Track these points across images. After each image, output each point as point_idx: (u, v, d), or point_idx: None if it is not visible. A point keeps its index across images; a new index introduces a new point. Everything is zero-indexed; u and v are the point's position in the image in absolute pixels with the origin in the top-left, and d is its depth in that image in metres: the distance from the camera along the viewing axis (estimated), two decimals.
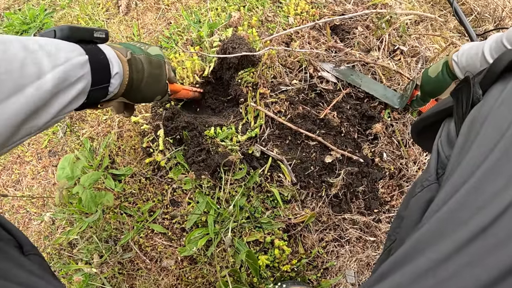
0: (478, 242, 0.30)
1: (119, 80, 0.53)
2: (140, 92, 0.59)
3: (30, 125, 0.40)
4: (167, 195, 0.94)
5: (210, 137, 0.94)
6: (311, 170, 0.95)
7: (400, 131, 1.03)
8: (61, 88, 0.42)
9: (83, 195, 0.86)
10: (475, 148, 0.38)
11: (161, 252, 0.92)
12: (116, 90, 0.53)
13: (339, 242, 0.95)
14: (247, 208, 0.91)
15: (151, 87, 0.61)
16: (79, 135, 1.09)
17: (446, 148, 0.50)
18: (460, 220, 0.32)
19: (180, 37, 1.12)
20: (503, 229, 0.29)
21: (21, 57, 0.38)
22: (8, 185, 1.15)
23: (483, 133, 0.37)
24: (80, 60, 0.45)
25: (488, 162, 0.34)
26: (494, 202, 0.31)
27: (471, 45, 0.71)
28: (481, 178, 0.34)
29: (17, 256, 0.45)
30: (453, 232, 0.32)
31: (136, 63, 0.57)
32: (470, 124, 0.42)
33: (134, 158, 1.00)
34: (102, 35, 0.53)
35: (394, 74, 1.08)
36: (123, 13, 1.21)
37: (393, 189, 1.00)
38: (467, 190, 0.34)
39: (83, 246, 0.98)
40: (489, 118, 0.38)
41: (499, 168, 0.33)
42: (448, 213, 0.34)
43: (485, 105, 0.41)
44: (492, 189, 0.32)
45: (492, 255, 0.28)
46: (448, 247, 0.31)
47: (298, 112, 0.99)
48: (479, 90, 0.43)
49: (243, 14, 1.13)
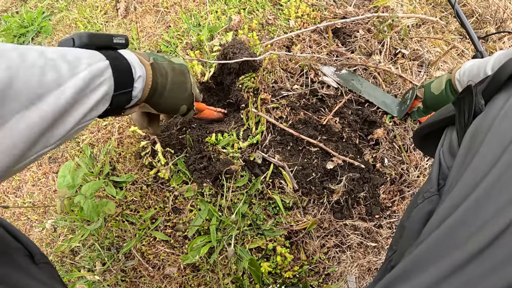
0: (475, 264, 0.29)
1: (142, 83, 0.52)
2: (164, 99, 0.57)
3: (48, 137, 0.39)
4: (168, 202, 0.94)
5: (211, 144, 0.93)
6: (313, 176, 0.94)
7: (402, 136, 1.02)
8: (82, 95, 0.41)
9: (84, 205, 0.86)
10: (476, 161, 0.36)
11: (164, 260, 0.93)
12: (139, 94, 0.52)
13: (340, 248, 0.96)
14: (249, 215, 0.91)
15: (175, 94, 0.60)
16: (79, 142, 1.08)
17: (448, 158, 0.49)
18: (459, 240, 0.32)
19: (180, 41, 1.11)
20: (501, 250, 0.29)
21: (40, 64, 0.37)
22: (9, 191, 1.15)
23: (485, 145, 0.36)
24: (101, 65, 0.44)
25: (490, 177, 0.33)
26: (494, 220, 0.30)
27: (472, 63, 0.69)
28: (483, 194, 0.33)
29: (28, 266, 0.46)
30: (450, 253, 0.31)
31: (159, 68, 0.56)
32: (472, 135, 0.41)
33: (135, 165, 0.99)
34: (121, 40, 0.52)
35: (395, 78, 1.08)
36: (121, 16, 1.20)
37: (394, 194, 1.00)
38: (467, 206, 0.33)
39: (86, 254, 0.98)
40: (492, 129, 0.37)
41: (501, 184, 0.32)
42: (447, 231, 0.34)
43: (488, 115, 0.39)
44: (494, 206, 0.31)
45: (488, 278, 0.28)
46: (444, 268, 0.31)
47: (300, 118, 0.98)
48: (481, 100, 0.42)
49: (243, 17, 1.12)
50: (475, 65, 0.67)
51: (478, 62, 0.67)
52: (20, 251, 0.48)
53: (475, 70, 0.67)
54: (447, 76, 0.79)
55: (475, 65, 0.67)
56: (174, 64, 0.61)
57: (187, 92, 0.63)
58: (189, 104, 0.65)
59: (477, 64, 0.67)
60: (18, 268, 0.44)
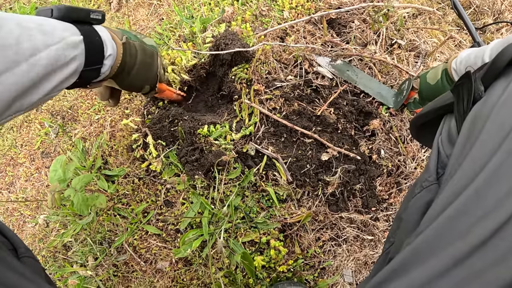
0: (477, 256, 0.28)
1: (112, 61, 0.54)
2: (130, 78, 0.60)
3: (22, 102, 0.42)
4: (160, 195, 0.93)
5: (203, 136, 0.92)
6: (307, 168, 0.93)
7: (398, 127, 1.00)
8: (55, 67, 0.43)
9: (74, 198, 0.85)
10: (477, 149, 0.35)
11: (156, 254, 0.91)
12: (107, 71, 0.54)
13: (336, 241, 0.94)
14: (242, 208, 0.89)
15: (141, 74, 0.62)
16: (72, 136, 1.07)
17: (446, 147, 0.47)
18: (459, 231, 0.30)
19: (173, 33, 1.10)
20: (504, 241, 0.27)
21: (17, 34, 0.39)
22: (2, 187, 1.14)
23: (485, 132, 0.35)
24: (75, 40, 0.46)
25: (490, 166, 0.32)
26: (496, 211, 0.29)
27: (469, 52, 0.67)
28: (483, 183, 0.31)
29: (10, 259, 0.45)
30: (451, 244, 0.30)
31: (130, 48, 0.57)
32: (472, 123, 0.39)
33: (127, 158, 0.98)
34: (98, 16, 0.53)
35: (391, 69, 1.06)
36: (114, 9, 1.19)
37: (391, 186, 0.98)
38: (467, 196, 0.32)
39: (78, 249, 0.96)
40: (492, 116, 0.35)
41: (501, 173, 0.30)
42: (446, 222, 0.32)
43: (488, 102, 0.38)
44: (495, 195, 0.30)
45: (491, 270, 0.27)
46: (445, 261, 0.29)
47: (294, 109, 0.97)
48: (480, 86, 0.41)
49: (236, 8, 1.10)
50: (472, 54, 0.66)
51: (475, 51, 0.65)
52: (4, 244, 0.47)
53: (472, 59, 0.65)
54: (443, 66, 0.77)
55: (472, 54, 0.65)
56: (145, 45, 0.63)
57: (153, 74, 0.66)
58: (152, 85, 0.68)
59: (474, 53, 0.65)
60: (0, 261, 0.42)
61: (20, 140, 1.15)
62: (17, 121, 1.17)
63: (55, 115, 1.11)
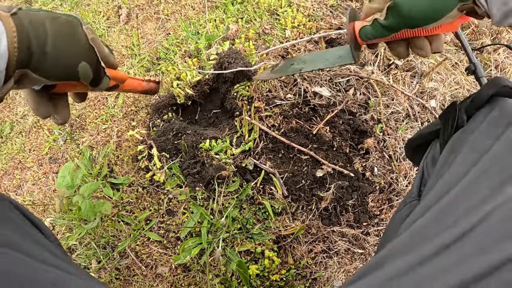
0: (441, 257, 0.33)
1: (3, 46, 0.36)
2: (48, 58, 0.41)
3: None
4: (163, 204, 0.98)
5: (205, 150, 0.97)
6: (303, 183, 0.97)
7: (392, 146, 1.05)
8: None
9: (82, 205, 0.90)
10: (452, 169, 0.41)
11: (157, 260, 0.96)
12: (2, 61, 0.37)
13: (327, 254, 0.99)
14: (239, 219, 0.94)
15: (63, 49, 0.43)
16: (79, 143, 1.12)
17: (430, 168, 0.53)
18: (429, 235, 0.36)
19: (179, 48, 1.14)
20: (466, 247, 0.32)
21: None
22: (10, 189, 1.19)
23: (461, 155, 0.41)
24: None
25: (462, 183, 0.37)
26: (462, 221, 0.34)
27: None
28: (454, 198, 0.37)
29: (45, 241, 0.48)
30: (420, 245, 0.35)
31: (28, 18, 0.40)
32: (451, 147, 0.45)
33: (132, 167, 1.03)
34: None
35: (387, 89, 1.10)
36: (123, 22, 1.23)
37: (382, 203, 1.03)
38: (439, 207, 0.38)
39: (82, 252, 1.02)
40: (470, 141, 0.41)
41: (472, 189, 0.36)
42: (420, 228, 0.38)
43: (468, 128, 0.44)
44: (463, 208, 0.35)
45: (453, 270, 0.31)
46: (413, 258, 0.34)
47: (292, 126, 1.01)
48: (463, 116, 0.46)
49: (240, 26, 1.15)
50: None
51: None
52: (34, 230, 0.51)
53: None
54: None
55: None
56: (56, 14, 0.45)
57: (81, 45, 0.45)
58: (90, 61, 0.46)
59: None
60: (37, 242, 0.47)
61: (28, 145, 1.20)
62: (26, 126, 1.22)
63: None
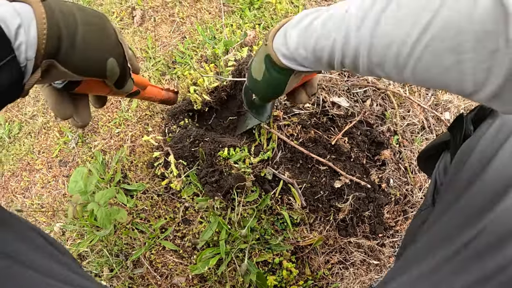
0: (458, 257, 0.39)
1: (32, 33, 0.33)
2: (79, 49, 0.37)
3: None
4: (179, 213, 0.96)
5: (223, 158, 0.95)
6: (321, 194, 0.97)
7: (408, 158, 1.05)
8: None
9: (98, 213, 0.88)
10: (461, 177, 0.45)
11: (172, 269, 0.95)
12: (31, 50, 0.33)
13: (344, 265, 0.99)
14: (258, 229, 0.93)
15: (94, 40, 0.39)
16: (91, 147, 1.09)
17: (442, 178, 0.57)
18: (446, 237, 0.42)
19: (195, 53, 1.13)
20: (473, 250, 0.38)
21: None
22: (17, 191, 1.16)
23: (469, 163, 0.45)
24: None
25: (472, 190, 0.42)
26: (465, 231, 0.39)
27: (305, 27, 0.42)
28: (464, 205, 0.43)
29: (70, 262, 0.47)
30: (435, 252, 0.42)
31: (59, 6, 0.36)
32: (460, 156, 0.49)
33: (146, 174, 1.01)
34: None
35: (404, 100, 1.11)
36: (137, 23, 1.21)
37: (398, 214, 1.04)
38: (451, 214, 0.44)
39: (93, 259, 0.99)
40: (476, 150, 0.45)
41: (477, 197, 0.41)
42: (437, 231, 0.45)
43: (475, 138, 0.47)
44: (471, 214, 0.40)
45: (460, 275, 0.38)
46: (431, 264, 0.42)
47: (310, 136, 1.01)
48: (470, 126, 0.50)
49: (258, 32, 1.14)
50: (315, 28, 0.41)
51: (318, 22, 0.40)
52: None
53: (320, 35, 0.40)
54: (264, 50, 0.50)
55: (315, 27, 0.41)
56: (84, 6, 0.42)
57: (111, 39, 0.42)
58: (118, 58, 0.43)
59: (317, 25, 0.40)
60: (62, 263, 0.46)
61: (37, 146, 1.16)
62: (35, 127, 1.19)
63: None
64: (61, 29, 0.35)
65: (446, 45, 0.28)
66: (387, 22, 0.33)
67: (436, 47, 0.29)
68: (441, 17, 0.28)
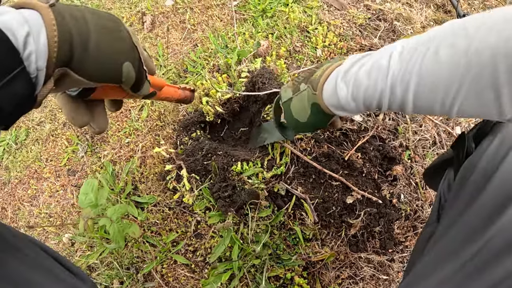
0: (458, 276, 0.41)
1: (42, 40, 0.31)
2: (92, 54, 0.35)
3: None
4: (190, 227, 0.96)
5: (236, 173, 0.95)
6: (333, 210, 0.97)
7: (419, 173, 1.05)
8: None
9: (110, 229, 0.87)
10: (463, 195, 0.47)
11: (183, 284, 0.95)
12: (42, 60, 0.31)
13: (353, 280, 0.99)
14: (270, 245, 0.93)
15: (108, 44, 0.37)
16: (100, 157, 1.08)
17: (447, 194, 0.59)
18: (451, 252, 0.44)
19: (207, 62, 1.11)
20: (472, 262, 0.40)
21: None
22: (24, 199, 1.14)
23: (472, 180, 0.47)
24: None
25: (476, 203, 0.44)
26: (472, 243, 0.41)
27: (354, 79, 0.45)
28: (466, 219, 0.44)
29: None
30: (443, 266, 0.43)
31: (69, 10, 0.34)
32: (463, 173, 0.51)
33: (157, 186, 1.00)
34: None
35: (416, 115, 1.10)
36: (147, 29, 1.18)
37: (407, 230, 1.04)
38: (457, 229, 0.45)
39: (103, 271, 0.99)
40: (478, 167, 0.47)
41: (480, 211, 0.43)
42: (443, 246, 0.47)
43: (476, 155, 0.50)
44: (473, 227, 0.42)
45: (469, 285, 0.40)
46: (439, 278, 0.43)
47: (323, 151, 1.00)
48: (472, 144, 0.52)
49: (271, 42, 1.12)
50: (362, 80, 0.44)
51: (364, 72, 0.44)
52: None
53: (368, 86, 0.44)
54: (311, 98, 0.55)
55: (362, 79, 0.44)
56: (95, 9, 0.40)
57: (126, 42, 0.40)
58: (133, 61, 0.41)
59: (365, 77, 0.44)
60: None
61: (45, 154, 1.15)
62: (43, 133, 1.17)
63: (84, 133, 1.12)
64: (72, 35, 0.33)
65: (484, 83, 0.32)
66: (428, 74, 0.37)
67: (475, 87, 0.33)
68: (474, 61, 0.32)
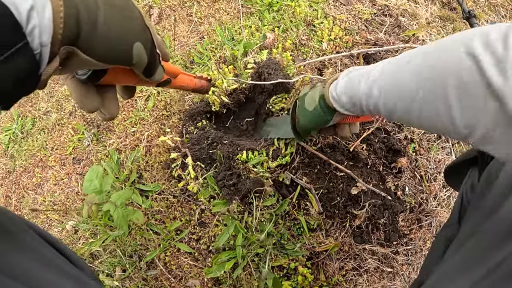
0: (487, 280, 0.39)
1: (47, 15, 0.28)
2: (101, 32, 0.33)
3: None
4: (195, 215, 0.95)
5: (241, 162, 0.95)
6: (337, 200, 0.97)
7: (424, 166, 1.05)
8: None
9: (114, 214, 0.87)
10: (488, 199, 0.46)
11: (186, 272, 0.94)
12: (46, 35, 0.29)
13: (358, 271, 0.99)
14: (274, 234, 0.93)
15: (118, 22, 0.35)
16: (106, 145, 1.08)
17: (469, 195, 0.57)
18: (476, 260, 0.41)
19: (213, 54, 1.12)
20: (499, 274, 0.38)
21: None
22: (29, 187, 1.15)
23: (496, 185, 0.45)
24: None
25: (500, 212, 0.42)
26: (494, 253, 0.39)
27: (348, 78, 0.56)
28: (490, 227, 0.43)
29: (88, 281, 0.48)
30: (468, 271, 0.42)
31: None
32: (487, 176, 0.50)
33: (162, 175, 1.00)
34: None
35: None
36: (154, 22, 1.20)
37: (412, 222, 1.04)
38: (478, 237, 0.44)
39: (106, 259, 0.99)
40: (502, 171, 0.45)
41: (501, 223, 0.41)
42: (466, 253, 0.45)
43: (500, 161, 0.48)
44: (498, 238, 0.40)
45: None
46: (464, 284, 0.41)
47: (328, 142, 1.01)
48: None
49: (277, 35, 1.13)
50: (354, 80, 0.53)
51: (356, 76, 0.53)
52: None
53: (355, 86, 0.53)
54: (320, 89, 0.64)
55: (354, 79, 0.53)
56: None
57: (137, 22, 0.38)
58: (145, 43, 0.38)
59: (356, 78, 0.53)
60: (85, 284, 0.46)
61: (51, 143, 1.15)
62: (49, 123, 1.17)
63: (90, 122, 1.12)
64: (80, 11, 0.31)
65: (435, 96, 0.37)
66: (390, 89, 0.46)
67: (429, 99, 0.38)
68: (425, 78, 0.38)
